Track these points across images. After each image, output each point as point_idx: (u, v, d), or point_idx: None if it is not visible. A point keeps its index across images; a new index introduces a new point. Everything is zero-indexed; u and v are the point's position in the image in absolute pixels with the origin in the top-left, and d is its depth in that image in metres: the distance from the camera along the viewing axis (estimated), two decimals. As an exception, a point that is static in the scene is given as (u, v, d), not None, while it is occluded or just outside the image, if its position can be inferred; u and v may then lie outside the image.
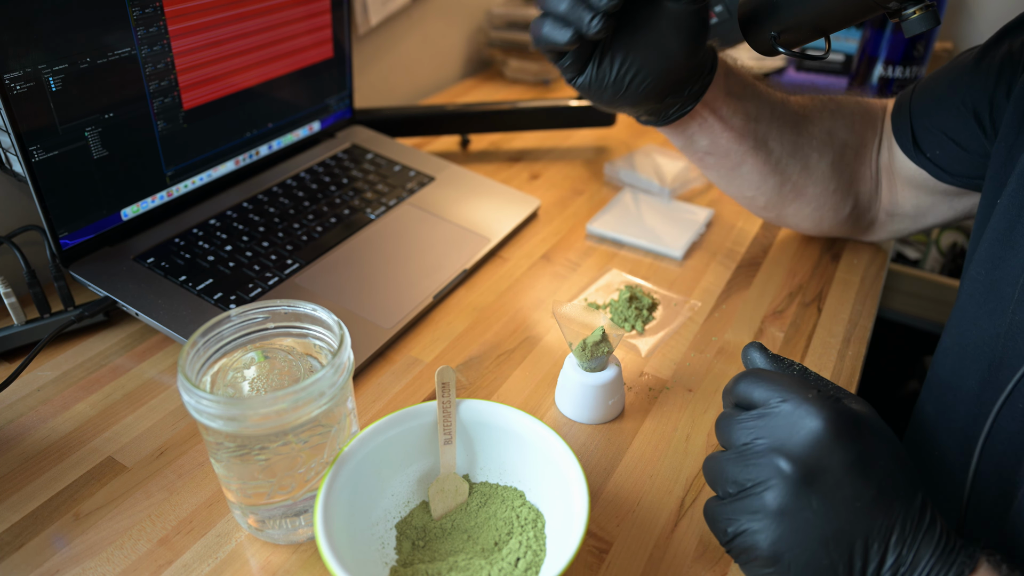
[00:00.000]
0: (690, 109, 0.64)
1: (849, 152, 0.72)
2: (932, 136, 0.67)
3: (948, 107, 0.66)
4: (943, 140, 0.66)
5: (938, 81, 0.68)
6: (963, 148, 0.65)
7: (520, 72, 1.31)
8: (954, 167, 0.67)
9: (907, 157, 0.70)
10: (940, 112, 0.67)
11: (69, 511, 0.51)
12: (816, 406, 0.39)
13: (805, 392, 0.40)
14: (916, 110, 0.69)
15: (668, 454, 0.57)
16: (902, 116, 0.70)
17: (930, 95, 0.68)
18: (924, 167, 0.69)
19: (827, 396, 0.40)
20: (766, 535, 0.38)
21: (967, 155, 0.65)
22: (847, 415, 0.39)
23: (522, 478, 0.51)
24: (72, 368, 0.63)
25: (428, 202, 0.84)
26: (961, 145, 0.65)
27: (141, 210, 0.72)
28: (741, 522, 0.39)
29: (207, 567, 0.48)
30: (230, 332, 0.47)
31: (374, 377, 0.63)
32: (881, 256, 0.82)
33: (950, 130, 0.66)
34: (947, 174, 0.68)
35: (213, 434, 0.43)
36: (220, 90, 0.75)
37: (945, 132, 0.66)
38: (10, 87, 0.57)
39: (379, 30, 1.11)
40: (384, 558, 0.47)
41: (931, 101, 0.68)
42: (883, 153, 0.73)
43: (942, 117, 0.66)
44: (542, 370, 0.65)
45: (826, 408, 0.39)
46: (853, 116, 0.72)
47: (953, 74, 0.66)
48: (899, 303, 1.22)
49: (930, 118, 0.68)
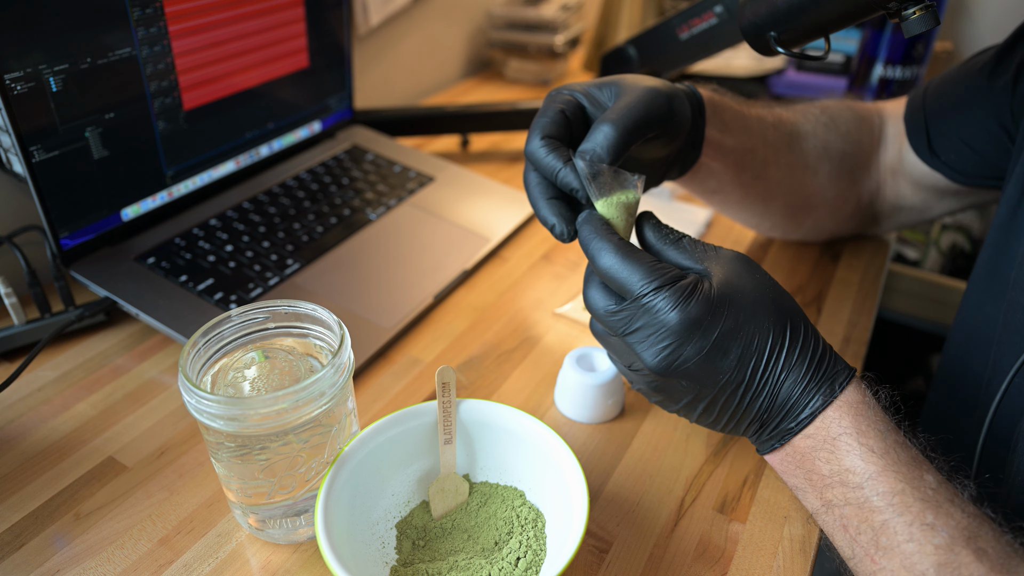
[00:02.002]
0: (693, 163, 0.62)
1: (847, 160, 0.72)
2: (948, 141, 0.68)
3: (966, 113, 0.66)
4: (960, 145, 0.67)
5: (954, 86, 0.68)
6: (980, 152, 0.66)
7: (520, 72, 1.31)
8: (969, 169, 0.67)
9: (921, 160, 0.70)
10: (958, 118, 0.67)
11: (70, 511, 0.51)
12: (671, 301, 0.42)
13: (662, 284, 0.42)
14: (932, 116, 0.69)
15: (668, 454, 0.57)
16: (916, 121, 0.70)
17: (947, 101, 0.68)
18: (939, 170, 0.69)
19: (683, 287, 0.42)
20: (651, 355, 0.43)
21: (983, 159, 0.66)
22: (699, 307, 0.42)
23: (522, 478, 0.51)
24: (73, 368, 0.63)
25: (428, 202, 0.84)
26: (977, 150, 0.66)
27: (142, 210, 0.72)
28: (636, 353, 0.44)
29: (208, 567, 0.48)
30: (231, 332, 0.47)
31: (374, 377, 0.63)
32: (881, 256, 0.82)
33: (968, 136, 0.66)
34: (962, 175, 0.68)
35: (214, 434, 0.44)
36: (220, 90, 0.75)
37: (962, 138, 0.66)
38: (11, 87, 0.57)
39: (379, 30, 1.11)
40: (384, 557, 0.47)
41: (948, 107, 0.68)
42: (886, 154, 0.74)
43: (960, 123, 0.66)
44: (542, 370, 0.65)
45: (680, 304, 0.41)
46: (848, 125, 0.72)
47: (969, 79, 0.66)
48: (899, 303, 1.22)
49: (947, 123, 0.68)
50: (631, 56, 1.00)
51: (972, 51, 1.41)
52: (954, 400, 0.66)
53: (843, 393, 0.42)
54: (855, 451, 0.41)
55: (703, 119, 0.60)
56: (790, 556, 0.49)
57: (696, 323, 0.41)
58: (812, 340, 0.44)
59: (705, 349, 0.42)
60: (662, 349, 0.42)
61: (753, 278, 0.44)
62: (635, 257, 0.43)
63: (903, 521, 0.39)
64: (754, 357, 0.42)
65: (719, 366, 0.42)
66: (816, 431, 0.43)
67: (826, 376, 0.43)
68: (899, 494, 0.39)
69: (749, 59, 1.23)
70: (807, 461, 0.43)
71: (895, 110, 0.74)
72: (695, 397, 0.44)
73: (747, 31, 0.59)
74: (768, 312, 0.43)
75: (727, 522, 0.52)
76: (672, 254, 0.46)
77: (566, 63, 1.33)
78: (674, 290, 0.41)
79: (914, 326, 1.23)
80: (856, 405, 0.42)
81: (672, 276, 0.42)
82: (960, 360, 0.65)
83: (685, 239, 0.46)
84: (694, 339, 0.41)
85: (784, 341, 0.43)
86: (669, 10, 1.26)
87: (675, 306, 0.41)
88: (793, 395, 0.43)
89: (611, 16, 1.26)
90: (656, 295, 0.42)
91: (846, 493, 0.41)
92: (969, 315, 0.64)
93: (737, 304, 0.42)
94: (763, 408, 0.44)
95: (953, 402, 0.66)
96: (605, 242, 0.44)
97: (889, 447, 0.41)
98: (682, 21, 0.90)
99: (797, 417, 0.43)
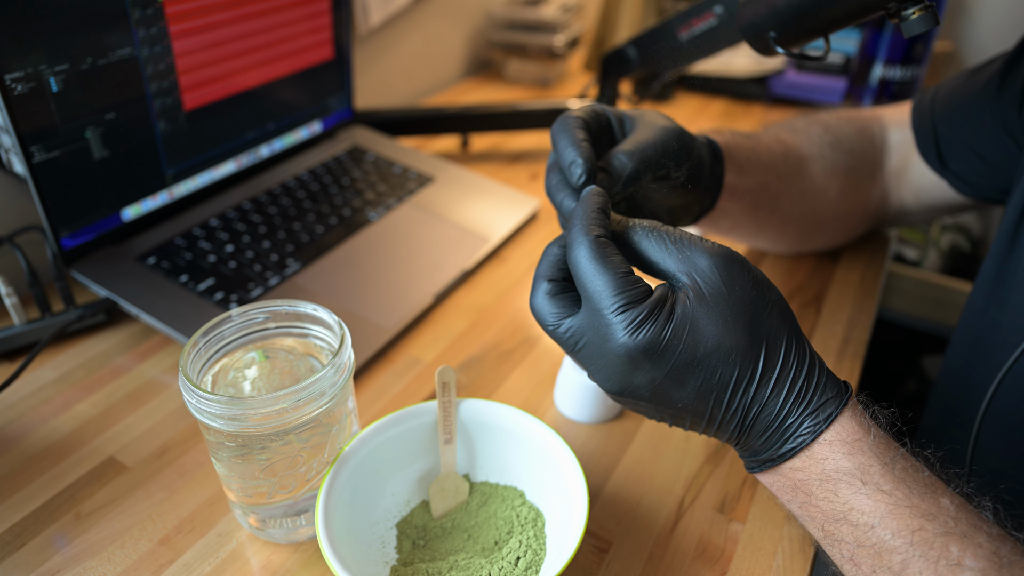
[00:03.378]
0: (710, 209, 0.61)
1: (853, 175, 0.72)
2: (957, 150, 0.68)
3: (976, 124, 0.66)
4: (968, 155, 0.67)
5: (962, 98, 0.68)
6: (990, 162, 0.66)
7: (520, 72, 1.31)
8: (977, 180, 0.68)
9: (930, 169, 0.70)
10: (967, 128, 0.67)
11: (70, 511, 0.51)
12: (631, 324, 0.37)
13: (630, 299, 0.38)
14: (941, 126, 0.69)
15: (668, 454, 0.57)
16: (925, 131, 0.70)
17: (956, 112, 0.68)
18: (947, 179, 0.70)
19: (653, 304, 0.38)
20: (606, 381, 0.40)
21: (992, 168, 0.66)
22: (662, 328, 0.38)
23: (522, 477, 0.51)
24: (73, 368, 0.63)
25: (428, 202, 0.85)
26: (987, 159, 0.66)
27: (142, 210, 0.72)
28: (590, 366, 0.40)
29: (208, 566, 0.48)
30: (231, 332, 0.47)
31: (374, 377, 0.64)
32: (881, 256, 0.82)
33: (977, 145, 0.66)
34: (968, 186, 0.68)
35: (214, 434, 0.44)
36: (221, 91, 0.76)
37: (972, 148, 0.66)
38: (11, 87, 0.57)
39: (380, 31, 1.11)
40: (385, 557, 0.47)
41: (957, 117, 0.68)
42: (890, 162, 0.74)
43: (969, 133, 0.66)
44: (542, 370, 0.65)
45: (643, 327, 0.37)
46: (851, 141, 0.72)
47: (977, 89, 0.66)
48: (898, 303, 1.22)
49: (956, 134, 0.68)
50: (631, 56, 1.00)
51: (972, 51, 1.41)
52: (955, 408, 0.66)
53: (833, 426, 0.38)
54: (860, 491, 0.37)
55: (721, 167, 0.59)
56: (790, 556, 0.50)
57: (646, 353, 0.37)
58: (794, 365, 0.39)
59: (657, 380, 0.38)
60: (609, 375, 0.39)
61: (732, 292, 0.38)
62: (605, 263, 0.38)
63: (926, 560, 0.35)
64: (715, 391, 0.38)
65: (675, 395, 0.39)
66: (806, 466, 0.39)
67: (810, 407, 0.38)
68: (918, 531, 0.36)
69: (749, 59, 1.23)
70: (801, 493, 0.40)
71: (896, 117, 0.74)
72: (658, 415, 0.41)
73: (747, 31, 0.59)
74: (739, 339, 0.38)
75: (727, 522, 0.52)
76: (653, 254, 0.41)
77: (566, 63, 1.34)
78: (627, 313, 0.37)
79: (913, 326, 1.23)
80: (852, 441, 0.38)
81: (633, 295, 0.38)
82: (962, 367, 0.65)
83: (666, 234, 0.41)
84: (643, 369, 0.38)
85: (755, 372, 0.38)
86: (669, 10, 1.26)
87: (624, 331, 0.37)
88: (769, 427, 0.39)
89: (611, 16, 1.26)
90: (608, 314, 0.38)
91: (855, 533, 0.38)
92: (973, 320, 0.64)
93: (699, 333, 0.38)
94: (735, 434, 0.40)
95: (954, 410, 0.66)
96: (583, 235, 0.39)
97: (899, 480, 0.37)
98: (682, 21, 0.90)
99: (779, 449, 0.39)
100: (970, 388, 0.62)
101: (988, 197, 0.68)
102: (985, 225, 1.51)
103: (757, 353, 0.38)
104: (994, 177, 0.66)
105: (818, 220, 0.73)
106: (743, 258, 0.40)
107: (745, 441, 0.41)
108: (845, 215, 0.74)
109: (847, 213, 0.74)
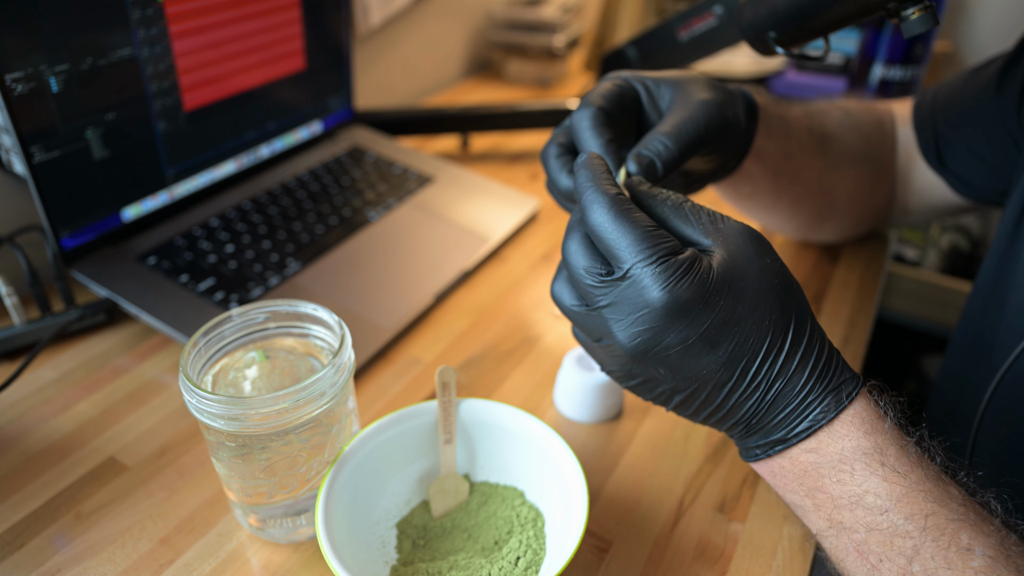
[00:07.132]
0: (735, 169, 0.60)
1: (868, 164, 0.72)
2: (956, 151, 0.68)
3: (976, 125, 0.66)
4: (968, 155, 0.67)
5: (963, 96, 0.68)
6: (989, 163, 0.66)
7: (520, 73, 1.31)
8: (976, 181, 0.68)
9: (930, 168, 0.70)
10: (967, 129, 0.67)
11: (70, 510, 0.51)
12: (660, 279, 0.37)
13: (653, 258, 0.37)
14: (941, 126, 0.69)
15: (668, 453, 0.57)
16: (926, 130, 0.70)
17: (956, 112, 0.68)
18: (946, 179, 0.70)
19: (675, 264, 0.37)
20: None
21: (991, 169, 0.66)
22: (694, 288, 0.37)
23: (522, 477, 0.51)
24: (73, 368, 0.63)
25: (428, 202, 0.85)
26: (986, 160, 0.66)
27: (142, 210, 0.72)
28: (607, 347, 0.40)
29: (208, 566, 0.48)
30: (231, 332, 0.47)
31: (374, 377, 0.64)
32: (880, 256, 0.82)
33: (977, 145, 0.66)
34: (967, 187, 0.68)
35: (214, 434, 0.44)
36: (221, 91, 0.76)
37: (971, 148, 0.67)
38: (11, 87, 0.57)
39: (380, 31, 1.11)
40: (385, 557, 0.47)
41: (956, 117, 0.68)
42: (898, 159, 0.74)
43: (968, 133, 0.67)
44: (542, 370, 0.65)
45: (669, 284, 0.37)
46: (870, 128, 0.72)
47: (977, 89, 0.66)
48: (898, 303, 1.22)
49: (956, 135, 0.68)
50: (631, 57, 1.00)
51: (972, 51, 1.41)
52: (954, 408, 0.66)
53: (852, 406, 0.38)
54: (877, 472, 0.37)
55: (755, 125, 0.58)
56: (789, 555, 0.50)
57: (685, 308, 0.36)
58: (817, 343, 0.39)
59: (691, 339, 0.37)
60: (641, 332, 0.37)
61: (762, 262, 0.38)
62: (630, 218, 0.38)
63: (938, 546, 0.35)
64: (746, 357, 0.38)
65: (704, 361, 0.37)
66: (821, 446, 0.38)
67: (831, 385, 0.38)
68: (931, 516, 0.36)
69: (749, 59, 1.23)
70: (810, 478, 0.39)
71: (903, 113, 0.74)
72: (672, 388, 0.40)
73: (747, 31, 0.59)
74: (771, 307, 0.38)
75: (727, 521, 0.52)
76: (675, 222, 0.40)
77: (566, 64, 1.34)
78: (667, 265, 0.36)
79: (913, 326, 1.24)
80: (870, 420, 0.38)
81: (668, 248, 0.37)
82: (962, 367, 0.65)
83: (687, 204, 0.40)
84: (679, 326, 0.36)
85: (784, 342, 0.38)
86: (669, 10, 1.26)
87: (665, 284, 0.36)
88: (789, 404, 0.38)
89: (611, 16, 1.26)
90: (645, 267, 0.36)
91: (867, 517, 0.37)
92: (973, 321, 0.64)
93: (737, 293, 0.37)
94: (750, 413, 0.39)
95: (953, 410, 0.66)
96: (600, 194, 0.39)
97: (913, 464, 0.37)
98: (682, 21, 0.90)
99: (793, 428, 0.39)
100: (969, 388, 0.62)
101: (986, 199, 0.68)
102: (985, 225, 1.51)
103: (787, 324, 0.38)
104: (993, 178, 0.66)
105: (832, 203, 0.72)
106: (767, 240, 0.40)
107: (759, 421, 0.39)
108: (858, 204, 0.74)
109: (860, 202, 0.74)
